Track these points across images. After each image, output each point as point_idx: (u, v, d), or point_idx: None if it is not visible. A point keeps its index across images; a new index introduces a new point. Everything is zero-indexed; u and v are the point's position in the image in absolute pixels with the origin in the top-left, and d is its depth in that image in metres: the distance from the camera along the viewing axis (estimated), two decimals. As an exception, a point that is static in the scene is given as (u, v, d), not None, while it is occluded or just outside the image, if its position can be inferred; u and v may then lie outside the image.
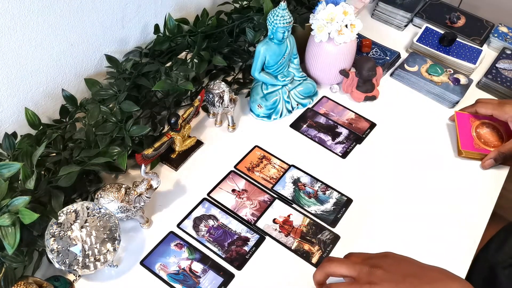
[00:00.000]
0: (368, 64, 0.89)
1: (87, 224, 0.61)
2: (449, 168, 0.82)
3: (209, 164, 0.80)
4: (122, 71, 0.80)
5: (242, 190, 0.76)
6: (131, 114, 0.73)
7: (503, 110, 0.82)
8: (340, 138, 0.86)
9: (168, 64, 0.81)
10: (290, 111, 0.89)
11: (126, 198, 0.65)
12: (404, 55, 1.04)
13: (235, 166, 0.79)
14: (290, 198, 0.76)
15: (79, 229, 0.60)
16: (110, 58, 0.81)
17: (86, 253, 0.60)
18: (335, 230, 0.72)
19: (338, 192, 0.77)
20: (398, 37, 1.10)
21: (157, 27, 0.86)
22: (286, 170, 0.79)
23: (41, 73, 0.72)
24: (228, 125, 0.85)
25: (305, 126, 0.87)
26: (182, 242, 0.69)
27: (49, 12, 0.68)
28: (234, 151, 0.82)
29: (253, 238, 0.70)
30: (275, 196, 0.76)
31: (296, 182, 0.78)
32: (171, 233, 0.70)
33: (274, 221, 0.72)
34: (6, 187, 0.56)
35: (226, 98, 0.79)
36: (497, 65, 1.01)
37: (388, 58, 1.01)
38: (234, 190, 0.76)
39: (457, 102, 0.93)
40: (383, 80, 0.98)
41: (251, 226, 0.72)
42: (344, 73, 0.91)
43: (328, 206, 0.75)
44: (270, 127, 0.87)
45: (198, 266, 0.66)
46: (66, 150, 0.68)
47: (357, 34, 0.89)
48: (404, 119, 0.90)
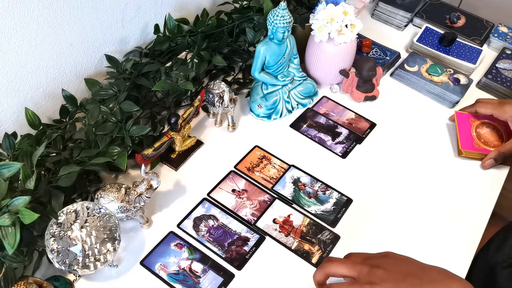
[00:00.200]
0: (368, 64, 0.89)
1: (87, 224, 0.61)
2: (449, 168, 0.82)
3: (209, 164, 0.80)
4: (122, 71, 0.80)
5: (242, 190, 0.76)
6: (131, 114, 0.73)
7: (503, 110, 0.82)
8: (340, 138, 0.86)
9: (168, 64, 0.81)
10: (290, 111, 0.89)
11: (126, 198, 0.65)
12: (404, 55, 1.04)
13: (235, 166, 0.79)
14: (290, 198, 0.75)
15: (79, 229, 0.60)
16: (110, 58, 0.81)
17: (86, 253, 0.60)
18: (335, 230, 0.72)
19: (338, 192, 0.77)
20: (398, 37, 1.10)
21: (157, 27, 0.86)
22: (286, 170, 0.79)
23: (41, 73, 0.72)
24: (228, 125, 0.85)
25: (305, 126, 0.87)
26: (182, 242, 0.69)
27: (49, 12, 0.68)
28: (234, 151, 0.82)
29: (253, 238, 0.70)
30: (275, 196, 0.76)
31: (296, 182, 0.78)
32: (171, 233, 0.70)
33: (274, 221, 0.72)
34: (6, 187, 0.56)
35: (226, 98, 0.79)
36: (497, 65, 1.01)
37: (388, 58, 1.01)
38: (234, 190, 0.76)
39: (457, 102, 0.93)
40: (383, 80, 0.98)
41: (251, 226, 0.72)
42: (344, 73, 0.91)
43: (328, 206, 0.75)
44: (270, 127, 0.87)
45: (198, 266, 0.66)
46: (66, 150, 0.68)
47: (357, 34, 0.89)
48: (404, 119, 0.90)
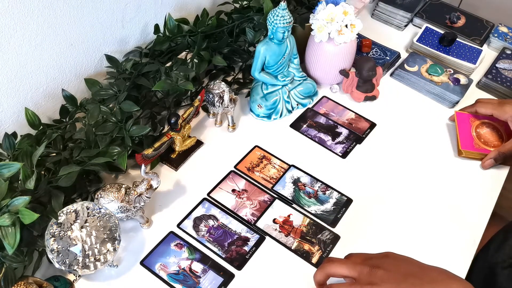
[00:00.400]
0: (368, 64, 0.89)
1: (87, 224, 0.61)
2: (449, 168, 0.82)
3: (209, 164, 0.79)
4: (122, 71, 0.80)
5: (242, 190, 0.76)
6: (131, 114, 0.73)
7: (503, 110, 0.82)
8: (340, 138, 0.86)
9: (168, 64, 0.81)
10: (290, 111, 0.89)
11: (126, 198, 0.65)
12: (404, 55, 1.04)
13: (235, 166, 0.79)
14: (290, 198, 0.75)
15: (79, 229, 0.60)
16: (110, 58, 0.81)
17: (86, 253, 0.60)
18: (335, 230, 0.72)
19: (338, 192, 0.77)
20: (398, 37, 1.10)
21: (157, 27, 0.85)
22: (286, 170, 0.79)
23: (41, 73, 0.72)
24: (228, 125, 0.85)
25: (305, 126, 0.87)
26: (182, 242, 0.69)
27: (49, 12, 0.68)
28: (234, 151, 0.82)
29: (253, 238, 0.70)
30: (275, 196, 0.76)
31: (296, 182, 0.78)
32: (171, 233, 0.70)
33: (274, 221, 0.72)
34: (6, 187, 0.56)
35: (226, 98, 0.79)
36: (497, 65, 1.01)
37: (388, 58, 1.01)
38: (234, 190, 0.76)
39: (457, 102, 0.93)
40: (383, 80, 0.98)
41: (251, 226, 0.72)
42: (344, 73, 0.91)
43: (328, 206, 0.75)
44: (270, 127, 0.87)
45: (198, 266, 0.66)
46: (66, 150, 0.68)
47: (357, 34, 0.89)
48: (404, 119, 0.90)
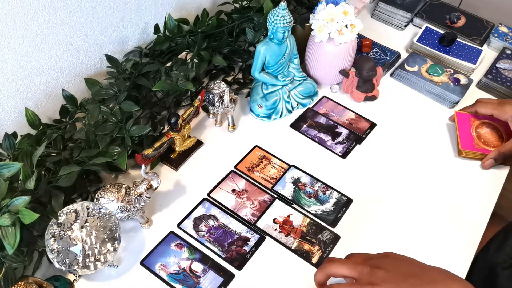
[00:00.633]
0: (368, 64, 0.89)
1: (87, 224, 0.61)
2: (449, 168, 0.82)
3: (209, 164, 0.79)
4: (122, 71, 0.79)
5: (242, 190, 0.76)
6: (131, 114, 0.73)
7: (503, 110, 0.82)
8: (340, 138, 0.86)
9: (168, 64, 0.81)
10: (290, 111, 0.89)
11: (126, 198, 0.65)
12: (404, 55, 1.04)
13: (235, 166, 0.79)
14: (290, 198, 0.75)
15: (79, 229, 0.60)
16: (110, 58, 0.81)
17: (86, 253, 0.59)
18: (335, 230, 0.72)
19: (338, 192, 0.77)
20: (398, 37, 1.10)
21: (157, 27, 0.85)
22: (286, 170, 0.79)
23: (41, 73, 0.72)
24: (228, 125, 0.85)
25: (305, 126, 0.87)
26: (182, 242, 0.69)
27: (49, 12, 0.68)
28: (234, 151, 0.82)
29: (253, 238, 0.70)
30: (275, 196, 0.76)
31: (296, 182, 0.78)
32: (171, 233, 0.70)
33: (274, 221, 0.72)
34: (6, 187, 0.56)
35: (226, 98, 0.79)
36: (497, 65, 1.01)
37: (388, 58, 1.01)
38: (234, 190, 0.76)
39: (457, 102, 0.93)
40: (383, 80, 0.98)
41: (251, 226, 0.72)
42: (344, 73, 0.91)
43: (328, 206, 0.75)
44: (270, 127, 0.87)
45: (198, 266, 0.66)
46: (66, 150, 0.68)
47: (357, 34, 0.89)
48: (404, 119, 0.90)
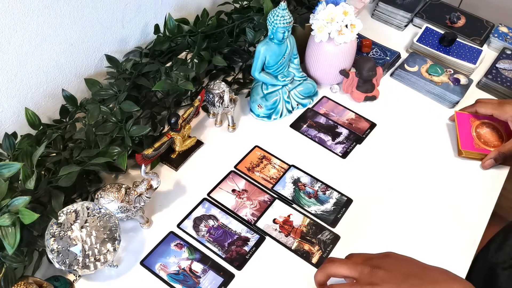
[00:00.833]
0: (368, 64, 0.89)
1: (87, 224, 0.61)
2: (449, 168, 0.82)
3: (209, 164, 0.79)
4: (122, 71, 0.79)
5: (242, 190, 0.76)
6: (131, 114, 0.73)
7: (503, 110, 0.82)
8: (340, 138, 0.86)
9: (168, 64, 0.81)
10: (290, 111, 0.89)
11: (126, 198, 0.65)
12: (404, 55, 1.04)
13: (235, 166, 0.79)
14: (290, 198, 0.75)
15: (79, 229, 0.60)
16: (110, 58, 0.81)
17: (86, 253, 0.59)
18: (335, 230, 0.72)
19: (338, 192, 0.77)
20: (398, 37, 1.10)
21: (157, 27, 0.85)
22: (286, 170, 0.79)
23: (41, 73, 0.72)
24: (228, 125, 0.85)
25: (305, 126, 0.87)
26: (182, 242, 0.69)
27: (49, 12, 0.68)
28: (234, 151, 0.82)
29: (253, 238, 0.70)
30: (275, 196, 0.76)
31: (296, 182, 0.78)
32: (171, 233, 0.70)
33: (274, 221, 0.72)
34: (6, 187, 0.56)
35: (226, 98, 0.79)
36: (497, 65, 1.01)
37: (388, 58, 1.01)
38: (234, 190, 0.76)
39: (457, 102, 0.93)
40: (383, 80, 0.98)
41: (251, 226, 0.72)
42: (344, 73, 0.91)
43: (328, 206, 0.75)
44: (270, 127, 0.87)
45: (198, 266, 0.66)
46: (66, 150, 0.68)
47: (357, 34, 0.89)
48: (404, 119, 0.90)
